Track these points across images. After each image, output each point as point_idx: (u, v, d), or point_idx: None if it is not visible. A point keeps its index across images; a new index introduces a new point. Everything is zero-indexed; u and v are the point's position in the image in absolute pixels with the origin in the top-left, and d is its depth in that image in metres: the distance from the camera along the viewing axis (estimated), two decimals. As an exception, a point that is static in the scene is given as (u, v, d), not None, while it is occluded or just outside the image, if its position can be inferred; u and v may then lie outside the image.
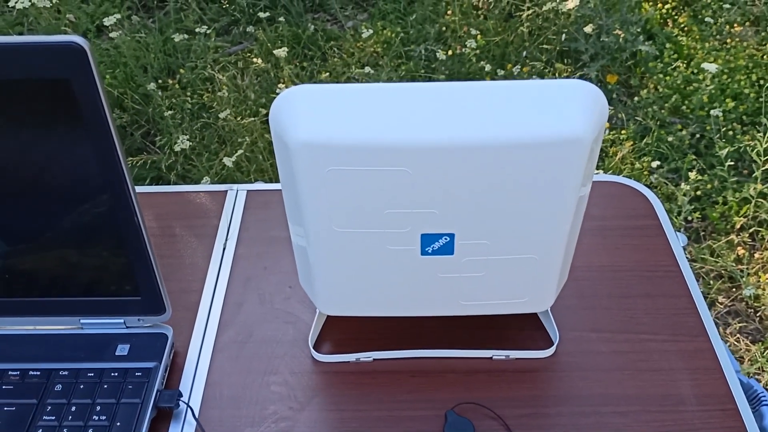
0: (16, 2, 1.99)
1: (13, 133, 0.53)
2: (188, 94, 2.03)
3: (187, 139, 1.81)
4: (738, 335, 1.44)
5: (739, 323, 1.47)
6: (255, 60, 2.11)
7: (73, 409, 0.58)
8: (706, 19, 2.31)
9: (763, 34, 2.25)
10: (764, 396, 0.61)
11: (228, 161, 1.74)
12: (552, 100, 0.47)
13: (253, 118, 1.88)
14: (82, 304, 0.63)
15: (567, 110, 0.47)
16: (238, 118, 1.89)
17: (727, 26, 2.29)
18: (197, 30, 2.18)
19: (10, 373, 0.61)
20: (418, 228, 0.52)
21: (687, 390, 0.60)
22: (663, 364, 0.62)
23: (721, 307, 1.50)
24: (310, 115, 0.48)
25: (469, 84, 0.48)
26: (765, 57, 2.12)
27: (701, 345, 0.64)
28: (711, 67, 1.89)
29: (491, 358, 0.63)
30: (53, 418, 0.58)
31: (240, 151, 1.78)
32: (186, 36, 2.18)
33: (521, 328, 0.65)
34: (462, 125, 0.47)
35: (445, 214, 0.51)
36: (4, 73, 0.50)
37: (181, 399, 0.60)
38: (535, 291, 0.58)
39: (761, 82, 2.02)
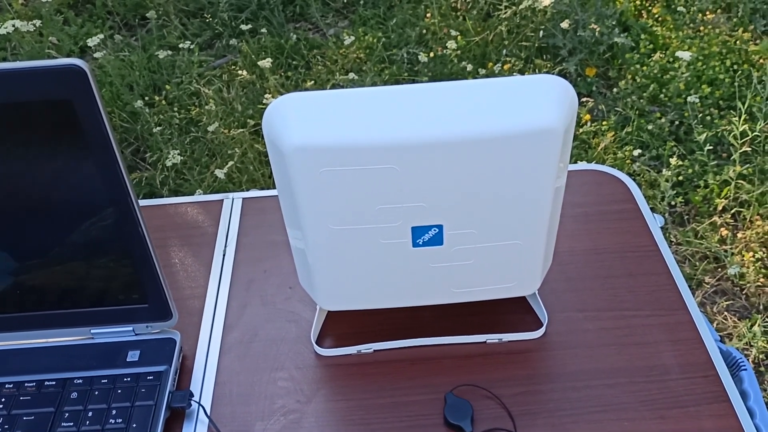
0: (-1, 28, 2.01)
1: (20, 153, 0.55)
2: (176, 109, 2.05)
3: (178, 154, 1.83)
4: (726, 313, 1.48)
5: (726, 301, 1.51)
6: (240, 72, 2.14)
7: (90, 414, 0.61)
8: (679, 8, 2.36)
9: (735, 20, 2.30)
10: (743, 361, 0.64)
11: (220, 173, 1.77)
12: (525, 94, 0.50)
13: (241, 130, 1.91)
14: (92, 314, 0.65)
15: (539, 103, 0.50)
16: (227, 131, 1.92)
17: (700, 14, 2.34)
18: (180, 46, 2.20)
19: (26, 384, 0.64)
20: (409, 221, 0.56)
21: (670, 360, 0.64)
22: (647, 337, 0.66)
23: (708, 287, 1.54)
24: (302, 121, 0.51)
25: (448, 84, 0.51)
26: (738, 42, 2.17)
27: (681, 318, 0.67)
28: (685, 55, 1.93)
29: (485, 342, 0.66)
30: (71, 424, 0.60)
31: (231, 163, 1.80)
32: (170, 52, 2.20)
33: (512, 313, 0.69)
34: (443, 122, 0.51)
35: (433, 206, 0.55)
36: (10, 97, 0.53)
37: (193, 399, 0.63)
38: (521, 275, 0.61)
39: (735, 67, 2.07)
